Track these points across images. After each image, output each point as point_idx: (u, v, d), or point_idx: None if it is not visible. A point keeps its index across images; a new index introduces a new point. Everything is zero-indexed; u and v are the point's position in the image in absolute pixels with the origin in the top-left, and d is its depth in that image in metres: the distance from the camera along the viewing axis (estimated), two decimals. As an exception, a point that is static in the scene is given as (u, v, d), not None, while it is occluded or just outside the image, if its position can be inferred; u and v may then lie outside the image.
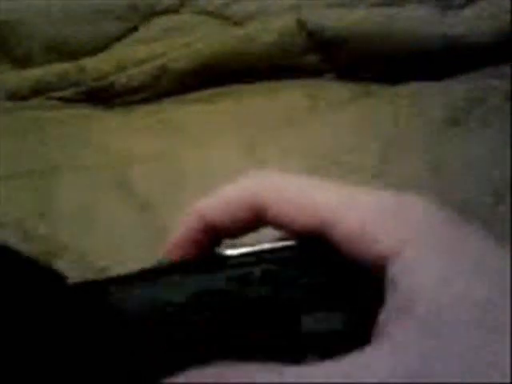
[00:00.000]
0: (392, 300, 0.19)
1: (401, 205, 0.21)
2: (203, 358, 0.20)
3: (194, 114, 0.67)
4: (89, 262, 0.49)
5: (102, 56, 0.72)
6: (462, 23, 0.64)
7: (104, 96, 0.71)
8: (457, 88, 0.63)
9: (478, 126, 0.58)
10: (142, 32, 0.74)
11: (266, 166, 0.57)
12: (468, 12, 0.66)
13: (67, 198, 0.55)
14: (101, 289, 0.23)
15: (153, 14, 0.74)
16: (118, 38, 0.74)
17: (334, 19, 0.67)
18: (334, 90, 0.66)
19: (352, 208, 0.21)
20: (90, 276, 0.27)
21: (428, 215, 0.21)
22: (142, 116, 0.68)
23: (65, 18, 0.73)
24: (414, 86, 0.64)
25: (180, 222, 0.25)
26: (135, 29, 0.74)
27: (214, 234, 0.24)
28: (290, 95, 0.66)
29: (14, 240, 0.50)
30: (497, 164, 0.53)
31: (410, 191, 0.22)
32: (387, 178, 0.54)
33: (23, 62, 0.74)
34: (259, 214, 0.23)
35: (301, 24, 0.68)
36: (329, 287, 0.22)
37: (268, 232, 0.24)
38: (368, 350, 0.19)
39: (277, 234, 0.24)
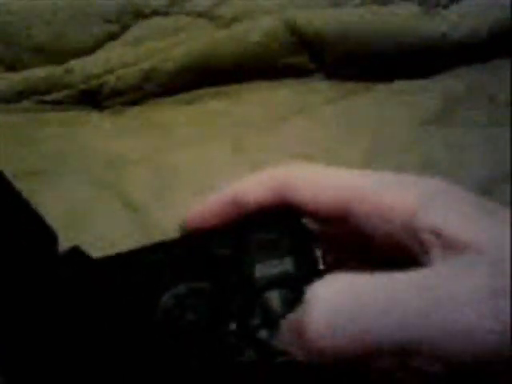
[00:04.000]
0: (437, 246, 0.20)
1: (416, 177, 0.23)
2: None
3: (183, 114, 0.67)
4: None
5: (90, 58, 0.72)
6: (448, 21, 0.65)
7: (93, 98, 0.71)
8: (443, 85, 0.63)
9: (463, 123, 0.59)
10: (131, 34, 0.74)
11: (256, 165, 0.57)
12: (453, 10, 0.66)
13: (57, 200, 0.56)
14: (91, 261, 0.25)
15: (141, 15, 0.74)
16: (107, 40, 0.74)
17: (321, 19, 0.68)
18: (322, 89, 0.67)
19: (376, 181, 0.23)
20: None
21: (445, 184, 0.22)
22: (132, 117, 0.68)
23: (53, 21, 0.73)
24: (400, 84, 0.65)
25: (209, 197, 0.26)
26: (124, 31, 0.74)
27: (241, 210, 0.25)
28: (278, 94, 0.67)
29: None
30: (483, 160, 0.54)
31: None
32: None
33: (12, 65, 0.74)
34: (285, 197, 0.25)
35: (288, 24, 0.68)
36: (280, 241, 0.24)
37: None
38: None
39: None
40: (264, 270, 0.24)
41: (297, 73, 0.69)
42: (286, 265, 0.24)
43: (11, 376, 0.22)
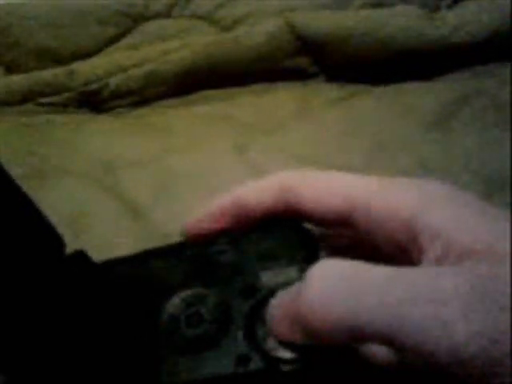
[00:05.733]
0: (434, 249, 0.21)
1: (417, 181, 0.23)
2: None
3: (183, 117, 0.67)
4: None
5: (91, 61, 0.72)
6: (448, 24, 0.65)
7: (94, 101, 0.71)
8: (444, 88, 0.63)
9: (466, 126, 0.59)
10: (132, 37, 0.74)
11: (257, 168, 0.58)
12: (455, 13, 0.66)
13: (57, 203, 0.56)
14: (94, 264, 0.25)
15: (142, 18, 0.74)
16: (109, 43, 0.74)
17: (322, 21, 0.68)
18: (323, 92, 0.67)
19: (378, 185, 0.23)
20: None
21: (446, 187, 0.22)
22: (133, 120, 0.68)
23: (54, 23, 0.73)
24: (401, 87, 0.65)
25: (212, 203, 0.27)
26: (125, 33, 0.74)
27: (245, 216, 0.26)
28: (279, 97, 0.67)
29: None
30: (485, 163, 0.53)
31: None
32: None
33: (13, 67, 0.74)
34: (288, 202, 0.25)
35: (289, 27, 0.68)
36: (284, 248, 0.25)
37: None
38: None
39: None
40: (269, 277, 0.24)
41: (299, 75, 0.69)
42: (290, 272, 0.24)
43: (13, 375, 0.22)
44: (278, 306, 0.22)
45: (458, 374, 0.18)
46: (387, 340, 0.19)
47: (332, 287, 0.20)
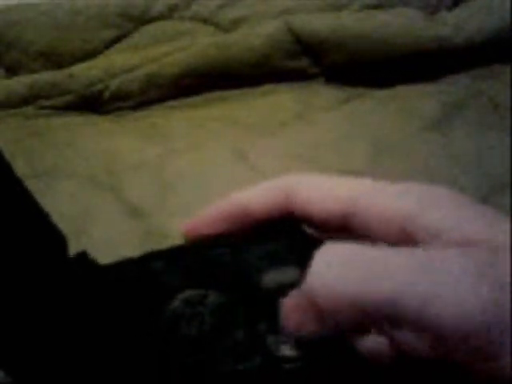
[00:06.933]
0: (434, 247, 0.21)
1: (416, 184, 0.23)
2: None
3: (184, 119, 0.67)
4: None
5: (92, 63, 0.72)
6: (448, 26, 0.65)
7: (94, 103, 0.71)
8: (444, 90, 0.64)
9: (466, 128, 0.59)
10: (133, 39, 0.74)
11: (257, 170, 0.58)
12: (455, 14, 0.67)
13: (59, 204, 0.56)
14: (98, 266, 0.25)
15: (143, 20, 0.74)
16: (109, 45, 0.74)
17: (322, 23, 0.68)
18: (323, 94, 0.67)
19: (377, 188, 0.23)
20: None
21: (445, 191, 0.23)
22: (133, 122, 0.69)
23: (55, 25, 0.73)
24: (402, 89, 0.65)
25: (214, 206, 0.27)
26: (126, 35, 0.74)
27: (246, 219, 0.26)
28: (280, 99, 0.67)
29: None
30: (484, 165, 0.54)
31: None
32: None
33: (13, 69, 0.74)
34: (289, 205, 0.25)
35: (289, 28, 0.68)
36: (285, 250, 0.25)
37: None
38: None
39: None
40: (270, 279, 0.24)
41: (298, 77, 0.69)
42: (291, 274, 0.24)
43: (18, 376, 0.22)
44: (291, 299, 0.22)
45: (459, 354, 0.19)
46: (399, 317, 0.19)
47: (334, 269, 0.20)
